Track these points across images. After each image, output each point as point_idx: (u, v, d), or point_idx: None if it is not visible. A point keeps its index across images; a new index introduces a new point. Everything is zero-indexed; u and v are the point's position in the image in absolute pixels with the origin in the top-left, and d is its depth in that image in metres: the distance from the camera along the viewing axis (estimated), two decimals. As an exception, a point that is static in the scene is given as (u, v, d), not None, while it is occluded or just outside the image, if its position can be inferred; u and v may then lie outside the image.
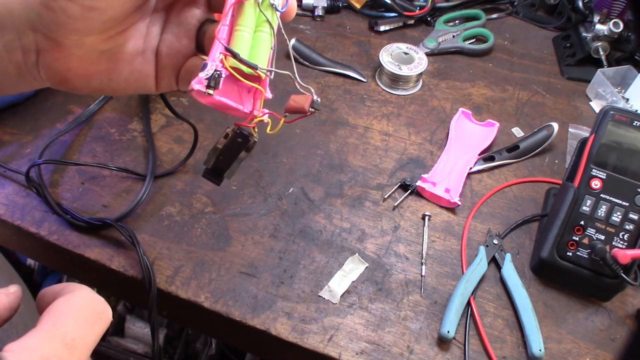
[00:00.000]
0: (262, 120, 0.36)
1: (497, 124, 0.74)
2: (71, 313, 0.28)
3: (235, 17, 0.33)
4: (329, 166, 0.70)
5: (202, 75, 0.31)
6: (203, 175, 0.37)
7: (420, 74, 0.80)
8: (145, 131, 0.71)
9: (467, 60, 0.89)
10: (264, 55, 0.33)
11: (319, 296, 0.57)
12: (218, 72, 0.32)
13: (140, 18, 0.36)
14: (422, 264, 0.60)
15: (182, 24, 0.37)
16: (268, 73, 0.32)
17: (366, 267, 0.60)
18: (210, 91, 0.31)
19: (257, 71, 0.32)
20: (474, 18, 0.95)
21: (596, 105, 0.82)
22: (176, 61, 0.37)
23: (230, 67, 0.32)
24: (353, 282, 0.58)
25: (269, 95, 0.37)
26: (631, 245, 0.56)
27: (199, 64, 0.35)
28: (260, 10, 0.33)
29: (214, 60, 0.32)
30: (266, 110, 0.37)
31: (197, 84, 0.32)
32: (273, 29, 0.34)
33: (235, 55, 0.31)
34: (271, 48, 0.34)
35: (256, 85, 0.32)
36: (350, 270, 0.59)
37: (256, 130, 0.37)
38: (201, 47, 0.37)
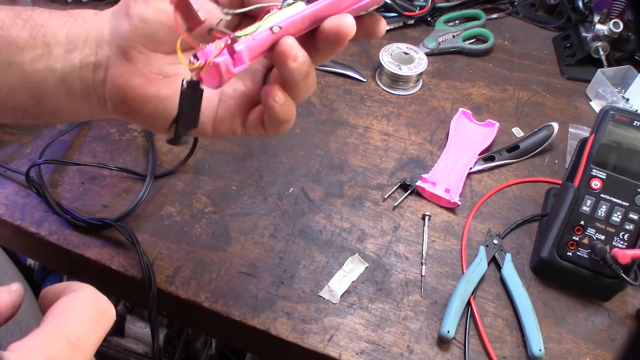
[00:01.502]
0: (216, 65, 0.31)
1: (497, 124, 0.74)
2: (75, 312, 0.28)
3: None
4: (329, 166, 0.70)
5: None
6: (168, 141, 0.35)
7: (420, 74, 0.80)
8: (145, 131, 0.71)
9: (467, 60, 0.89)
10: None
11: (319, 296, 0.57)
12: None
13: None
14: (422, 264, 0.60)
15: (249, 67, 0.35)
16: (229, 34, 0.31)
17: (366, 267, 0.60)
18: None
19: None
20: (474, 18, 0.95)
21: (596, 105, 0.82)
22: (240, 103, 0.37)
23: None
24: (353, 282, 0.58)
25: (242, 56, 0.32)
26: (631, 245, 0.56)
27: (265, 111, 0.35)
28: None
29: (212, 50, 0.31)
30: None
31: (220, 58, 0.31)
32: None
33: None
34: (271, 27, 0.32)
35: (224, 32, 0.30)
36: (350, 270, 0.59)
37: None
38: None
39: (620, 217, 0.57)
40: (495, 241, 0.62)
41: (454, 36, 0.91)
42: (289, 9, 0.34)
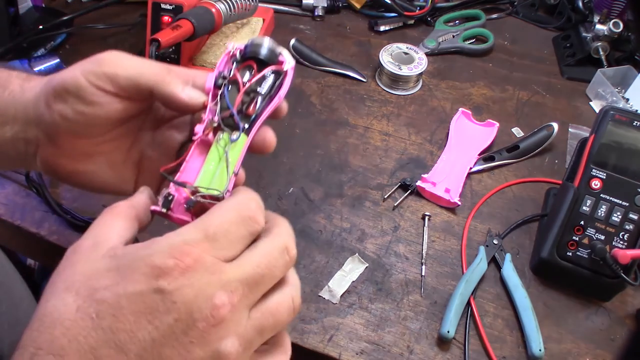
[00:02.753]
0: None
1: (497, 124, 0.74)
2: (219, 213, 0.30)
3: (200, 152, 0.38)
4: (329, 166, 0.70)
5: (160, 195, 0.35)
6: None
7: (420, 74, 0.80)
8: (145, 131, 0.71)
9: (467, 60, 0.89)
10: (222, 177, 0.36)
11: (319, 296, 0.57)
12: (171, 195, 0.35)
13: (127, 133, 0.39)
14: (422, 264, 0.60)
15: (163, 144, 0.40)
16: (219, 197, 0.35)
17: (366, 267, 0.60)
18: (164, 210, 0.35)
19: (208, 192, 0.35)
20: (474, 18, 0.95)
21: (596, 105, 0.82)
22: (156, 175, 0.38)
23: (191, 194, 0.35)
24: (353, 282, 0.58)
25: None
26: (631, 245, 0.56)
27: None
28: (220, 148, 0.38)
29: (170, 188, 0.35)
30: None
31: (154, 206, 0.35)
32: (227, 159, 0.37)
33: (183, 185, 0.35)
34: (233, 173, 0.36)
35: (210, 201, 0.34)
36: (350, 270, 0.59)
37: None
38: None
39: (620, 217, 0.57)
40: (495, 241, 0.62)
41: (454, 36, 0.91)
42: (237, 145, 0.37)
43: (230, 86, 0.39)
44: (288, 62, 0.40)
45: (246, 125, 0.38)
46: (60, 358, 0.25)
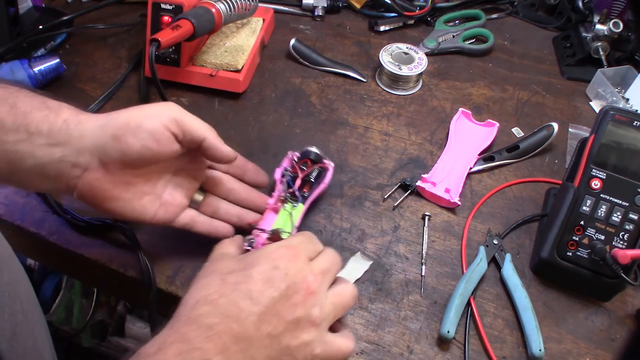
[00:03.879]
0: None
1: (497, 124, 0.74)
2: (301, 236, 0.47)
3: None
4: (329, 166, 0.70)
5: (246, 239, 0.52)
6: None
7: (420, 74, 0.80)
8: (145, 131, 0.71)
9: (467, 60, 0.89)
10: (288, 227, 0.57)
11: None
12: (254, 239, 0.52)
13: (157, 172, 0.50)
14: (422, 264, 0.60)
15: (183, 186, 0.53)
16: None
17: (370, 264, 0.60)
18: (249, 248, 0.51)
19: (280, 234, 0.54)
20: (474, 18, 0.95)
21: (596, 105, 0.82)
22: (173, 209, 0.51)
23: (266, 238, 0.53)
24: (357, 279, 0.58)
25: None
26: (631, 245, 0.56)
27: (193, 220, 0.54)
28: (285, 212, 0.59)
29: (252, 234, 0.53)
30: None
31: (245, 245, 0.53)
32: (292, 216, 0.59)
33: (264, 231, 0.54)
34: (295, 226, 0.58)
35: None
36: (353, 269, 0.59)
37: None
38: (193, 208, 0.55)
39: (620, 217, 0.57)
40: (495, 241, 0.62)
41: (454, 36, 0.91)
42: (297, 210, 0.60)
43: (290, 176, 0.62)
44: (329, 163, 0.64)
45: (303, 197, 0.61)
46: (213, 303, 0.39)
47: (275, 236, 0.53)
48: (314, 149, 0.65)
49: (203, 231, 0.53)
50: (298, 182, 0.61)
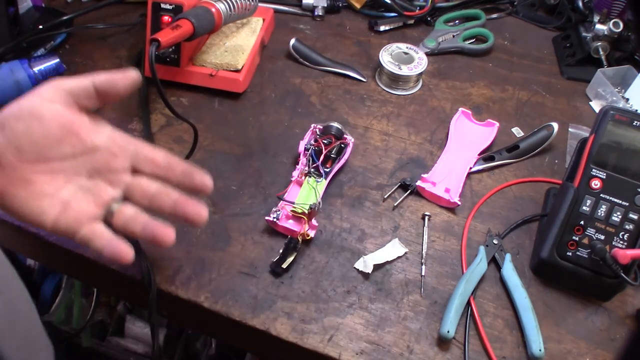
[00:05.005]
0: (308, 235, 0.59)
1: (497, 124, 0.74)
2: None
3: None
4: (329, 166, 0.70)
5: (272, 211, 0.60)
6: (271, 271, 0.59)
7: (420, 74, 0.80)
8: (145, 131, 0.71)
9: (467, 60, 0.89)
10: (312, 200, 0.62)
11: (320, 294, 0.57)
12: (279, 211, 0.59)
13: (62, 172, 0.44)
14: (422, 264, 0.60)
15: (95, 193, 0.45)
16: (312, 209, 0.59)
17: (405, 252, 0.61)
18: (275, 220, 0.59)
19: (304, 210, 0.59)
20: (474, 18, 0.95)
21: (596, 105, 0.82)
22: (79, 218, 0.44)
23: (290, 210, 0.60)
24: (387, 261, 0.60)
25: (314, 223, 0.60)
26: (631, 245, 0.56)
27: (97, 230, 0.44)
28: (309, 185, 0.64)
29: (278, 207, 0.60)
30: (308, 229, 0.60)
31: (267, 217, 0.60)
32: (316, 190, 0.63)
33: (289, 202, 0.61)
34: (317, 200, 0.62)
35: (304, 217, 0.60)
36: (388, 252, 0.60)
37: (300, 239, 0.59)
38: (107, 220, 0.45)
39: (620, 217, 0.57)
40: (495, 241, 0.62)
41: (453, 36, 0.91)
42: (321, 184, 0.64)
43: (314, 150, 0.66)
44: (350, 138, 0.68)
45: (325, 173, 0.65)
46: None
47: (313, 211, 0.58)
48: (335, 124, 0.69)
49: (100, 249, 0.43)
50: (322, 157, 0.65)
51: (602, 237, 0.57)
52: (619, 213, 0.57)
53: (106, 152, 0.45)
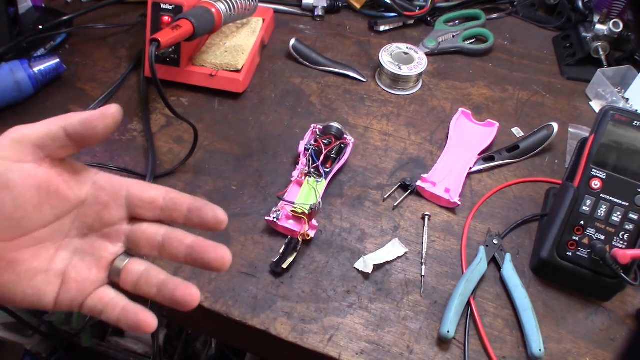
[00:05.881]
0: (308, 235, 0.60)
1: (497, 124, 0.74)
2: None
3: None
4: (329, 166, 0.70)
5: (272, 212, 0.60)
6: (271, 271, 0.59)
7: (420, 74, 0.80)
8: (145, 131, 0.71)
9: (467, 60, 0.89)
10: (312, 200, 0.62)
11: (320, 294, 0.57)
12: (279, 211, 0.60)
13: (50, 239, 0.36)
14: (422, 264, 0.60)
15: (94, 254, 0.38)
16: (312, 209, 0.59)
17: (405, 252, 0.61)
18: (275, 220, 0.59)
19: (304, 210, 0.59)
20: (474, 18, 0.95)
21: (596, 105, 0.82)
22: (83, 287, 0.37)
23: (290, 210, 0.60)
24: (387, 262, 0.60)
25: (314, 223, 0.60)
26: (631, 245, 0.56)
27: (108, 297, 0.37)
28: (309, 185, 0.64)
29: (278, 207, 0.60)
30: (309, 229, 0.60)
31: (267, 217, 0.60)
32: (316, 190, 0.63)
33: (290, 203, 0.61)
34: (317, 200, 0.62)
35: (304, 217, 0.60)
36: (388, 252, 0.60)
37: (301, 239, 0.59)
38: (113, 281, 0.38)
39: (620, 217, 0.57)
40: (495, 241, 0.62)
41: (453, 36, 0.91)
42: (321, 184, 0.64)
43: (314, 150, 0.66)
44: (349, 139, 0.68)
45: (325, 173, 0.65)
46: None
47: (313, 211, 0.58)
48: (335, 124, 0.69)
49: (115, 322, 0.37)
50: (321, 157, 0.65)
51: (602, 237, 0.57)
52: (619, 213, 0.57)
53: (95, 204, 0.37)
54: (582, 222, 0.58)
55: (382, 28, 0.92)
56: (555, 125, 0.73)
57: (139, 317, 0.36)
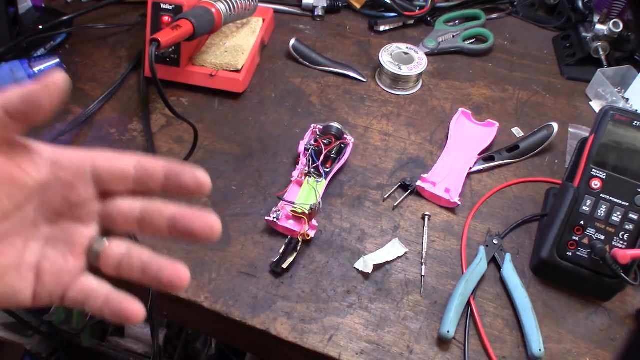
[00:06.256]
0: (308, 235, 0.60)
1: (497, 124, 0.74)
2: None
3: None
4: (329, 166, 0.70)
5: (272, 212, 0.60)
6: (271, 271, 0.59)
7: (420, 74, 0.80)
8: (145, 131, 0.71)
9: (467, 60, 0.89)
10: (312, 200, 0.62)
11: (320, 294, 0.57)
12: (279, 211, 0.60)
13: (15, 231, 0.32)
14: (422, 264, 0.60)
15: (67, 241, 0.34)
16: (312, 209, 0.59)
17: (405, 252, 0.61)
18: (275, 220, 0.59)
19: (304, 210, 0.59)
20: (474, 18, 0.95)
21: (596, 105, 0.82)
22: (60, 279, 0.33)
23: (290, 210, 0.60)
24: (387, 262, 0.60)
25: (314, 223, 0.60)
26: (631, 245, 0.56)
27: (89, 287, 0.33)
28: (309, 185, 0.64)
29: (278, 207, 0.60)
30: (309, 229, 0.60)
31: (267, 217, 0.60)
32: (316, 190, 0.63)
33: (290, 203, 0.61)
34: (317, 200, 0.62)
35: (304, 217, 0.60)
36: (388, 252, 0.60)
37: (301, 238, 0.60)
38: (94, 266, 0.35)
39: (620, 217, 0.57)
40: (495, 241, 0.62)
41: (453, 36, 0.91)
42: (321, 184, 0.64)
43: (314, 150, 0.66)
44: (349, 139, 0.68)
45: (325, 173, 0.65)
46: None
47: (313, 211, 0.58)
48: (335, 124, 0.69)
49: (99, 312, 0.34)
50: (322, 157, 0.65)
51: (602, 237, 0.57)
52: (619, 213, 0.57)
53: (58, 185, 0.33)
54: (582, 222, 0.58)
55: (382, 28, 0.92)
56: (555, 125, 0.73)
57: (122, 306, 0.33)
